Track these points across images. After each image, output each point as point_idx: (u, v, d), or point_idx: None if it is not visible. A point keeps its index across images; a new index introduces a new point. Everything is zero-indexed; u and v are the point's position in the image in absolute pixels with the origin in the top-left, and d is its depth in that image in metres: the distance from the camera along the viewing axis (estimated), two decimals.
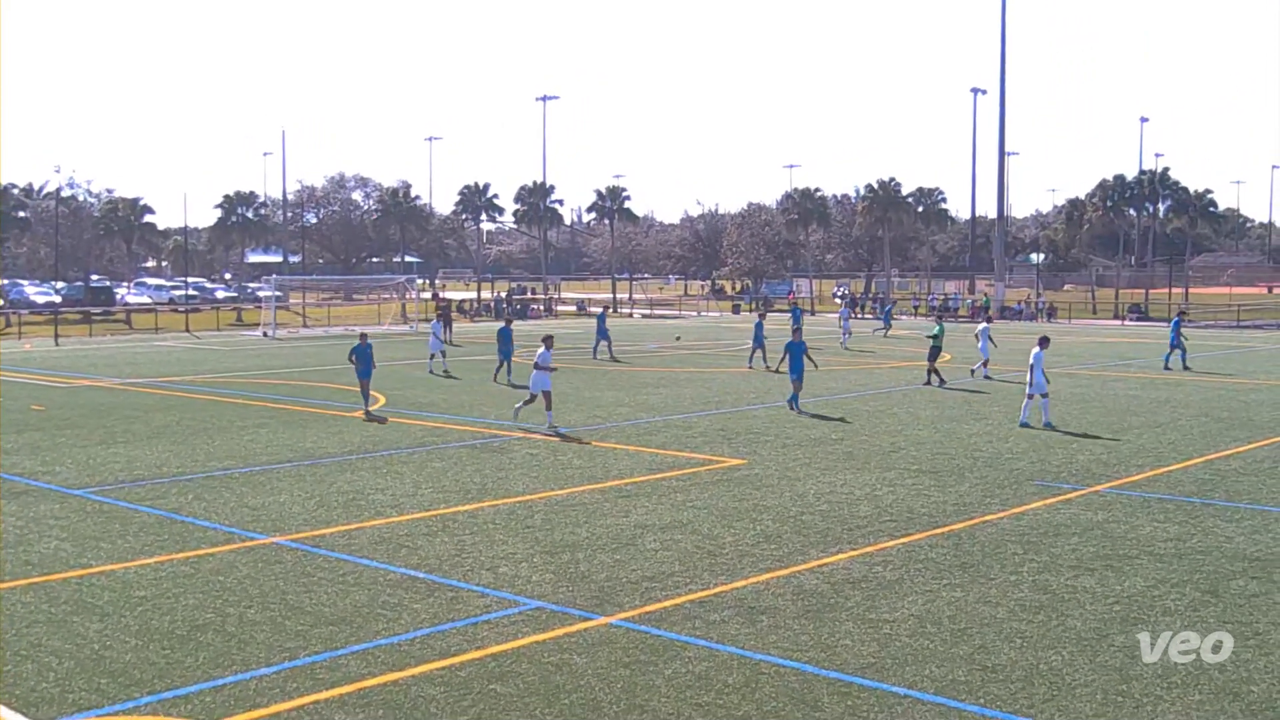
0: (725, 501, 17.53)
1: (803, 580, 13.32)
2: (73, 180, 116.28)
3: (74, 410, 28.53)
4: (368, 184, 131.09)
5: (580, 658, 10.76)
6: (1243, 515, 16.66)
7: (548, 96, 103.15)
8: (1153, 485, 18.84)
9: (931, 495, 17.99)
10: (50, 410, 28.44)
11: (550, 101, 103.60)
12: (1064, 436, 23.69)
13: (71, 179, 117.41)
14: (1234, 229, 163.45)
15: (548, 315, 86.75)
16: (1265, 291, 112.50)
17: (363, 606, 12.29)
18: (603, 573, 13.60)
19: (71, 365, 42.35)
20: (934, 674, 10.36)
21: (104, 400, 30.86)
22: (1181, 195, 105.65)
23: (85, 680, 10.20)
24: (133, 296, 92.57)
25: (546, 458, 21.34)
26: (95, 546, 14.82)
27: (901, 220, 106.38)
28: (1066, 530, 15.69)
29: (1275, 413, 27.51)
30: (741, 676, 10.30)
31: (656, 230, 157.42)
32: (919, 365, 40.98)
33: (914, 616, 11.99)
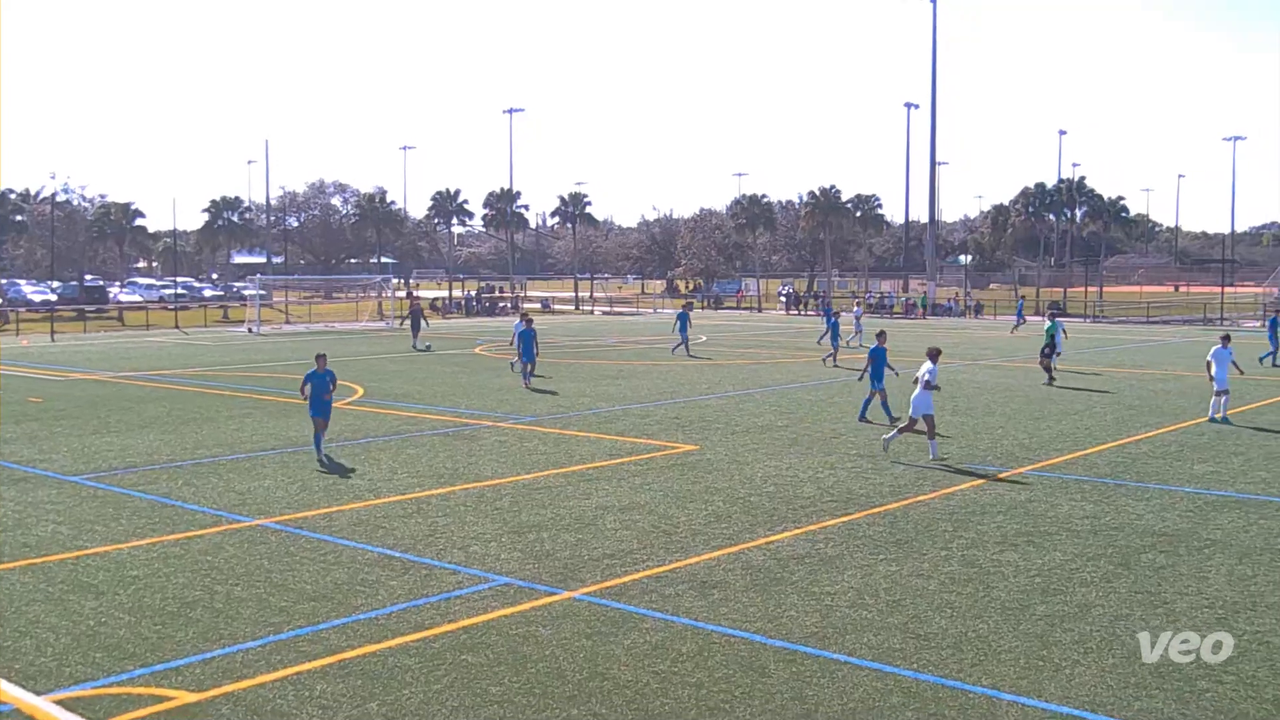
0: (679, 484, 17.55)
1: (751, 557, 13.36)
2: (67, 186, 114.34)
3: (69, 402, 28.16)
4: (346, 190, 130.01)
5: (545, 629, 10.75)
6: (1151, 495, 16.86)
7: (514, 109, 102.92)
8: (1070, 468, 19.03)
9: (869, 477, 18.08)
10: (47, 402, 28.04)
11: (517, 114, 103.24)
12: (991, 422, 23.88)
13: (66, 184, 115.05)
14: (1144, 233, 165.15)
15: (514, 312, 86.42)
16: (1172, 290, 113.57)
17: (342, 584, 12.22)
18: (566, 551, 13.59)
19: (67, 360, 41.79)
20: (871, 642, 10.42)
21: (98, 392, 30.48)
22: (1096, 202, 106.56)
23: (81, 655, 10.08)
24: (125, 295, 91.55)
25: (514, 445, 21.28)
26: (90, 529, 14.65)
27: (841, 224, 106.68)
28: (992, 509, 15.82)
29: (1181, 401, 27.86)
30: (695, 646, 10.32)
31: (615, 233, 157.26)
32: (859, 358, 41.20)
33: (853, 589, 12.05)
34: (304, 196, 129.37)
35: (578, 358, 41.55)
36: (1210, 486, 17.39)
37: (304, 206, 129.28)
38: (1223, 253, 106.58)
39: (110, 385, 32.40)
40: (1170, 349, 46.46)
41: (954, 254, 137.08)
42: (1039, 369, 32.89)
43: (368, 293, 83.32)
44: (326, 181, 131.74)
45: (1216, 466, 19.07)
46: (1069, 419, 24.76)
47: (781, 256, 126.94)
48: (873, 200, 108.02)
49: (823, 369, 36.65)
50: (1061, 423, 24.19)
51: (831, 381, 32.86)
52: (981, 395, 28.99)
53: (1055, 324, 33.11)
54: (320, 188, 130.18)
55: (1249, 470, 18.75)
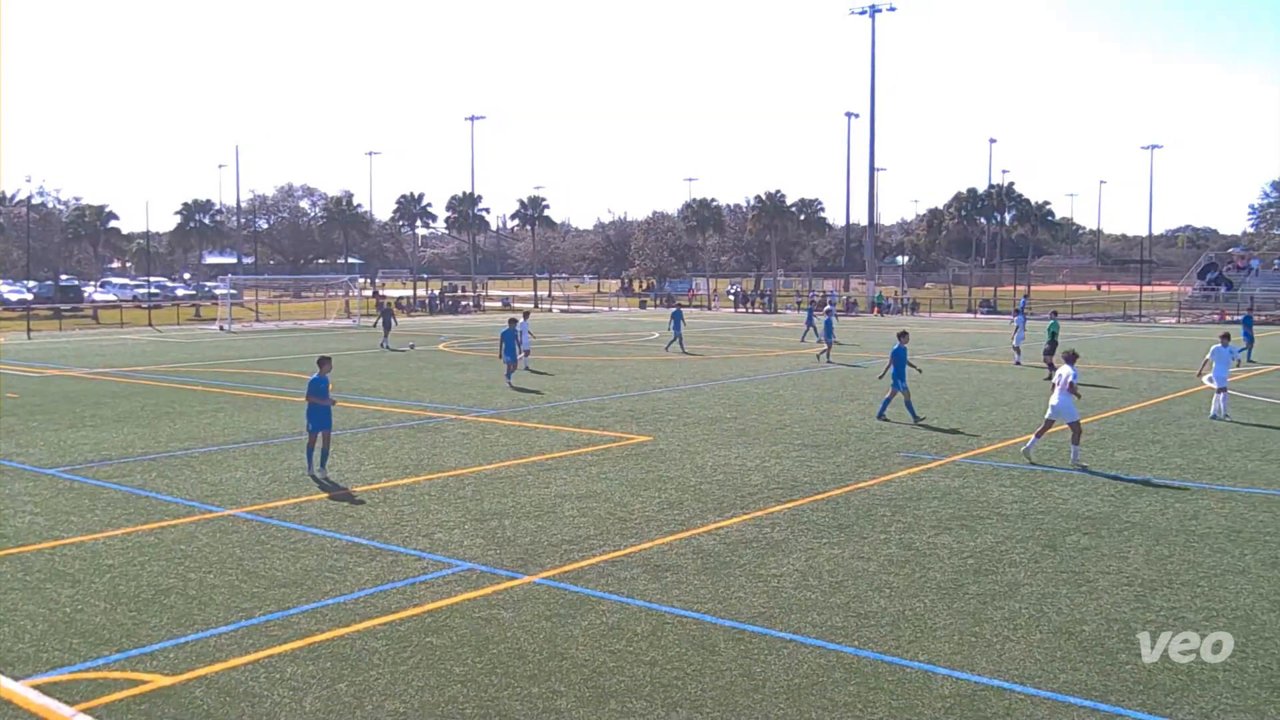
0: (634, 473, 17.55)
1: (701, 541, 13.39)
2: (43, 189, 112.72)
3: (45, 398, 27.69)
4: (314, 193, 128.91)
5: (507, 612, 10.72)
6: (1075, 480, 17.08)
7: (476, 116, 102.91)
8: (1000, 455, 19.24)
9: (813, 465, 18.18)
10: (24, 398, 27.56)
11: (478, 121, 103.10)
12: (927, 413, 24.06)
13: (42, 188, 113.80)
14: (1068, 235, 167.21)
15: (476, 310, 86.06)
16: (1094, 289, 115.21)
17: (312, 570, 12.12)
18: (526, 537, 13.55)
19: (43, 357, 41.08)
20: (815, 621, 10.49)
21: (73, 388, 30.00)
22: (1024, 206, 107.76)
23: (58, 641, 9.93)
24: (99, 294, 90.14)
25: (476, 437, 21.19)
26: (66, 520, 14.42)
27: (786, 227, 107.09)
28: (928, 495, 15.96)
29: (1102, 393, 28.24)
30: (649, 626, 10.34)
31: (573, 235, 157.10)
32: (803, 353, 41.43)
33: (798, 571, 12.12)
34: (273, 199, 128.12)
35: (536, 354, 41.43)
36: (1130, 472, 17.65)
37: (273, 209, 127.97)
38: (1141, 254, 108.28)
39: (85, 381, 31.89)
40: (1093, 344, 47.04)
41: (892, 255, 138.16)
42: (968, 362, 33.21)
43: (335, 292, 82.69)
44: (295, 185, 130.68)
45: (1136, 454, 19.35)
46: (999, 410, 25.03)
47: (730, 257, 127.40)
48: (816, 204, 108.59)
49: (768, 363, 36.78)
50: (992, 413, 24.44)
51: (778, 375, 33.00)
52: (918, 389, 29.20)
53: (1055, 323, 33.59)
54: (289, 191, 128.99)
55: (1165, 457, 19.04)
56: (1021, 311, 41.11)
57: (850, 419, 23.45)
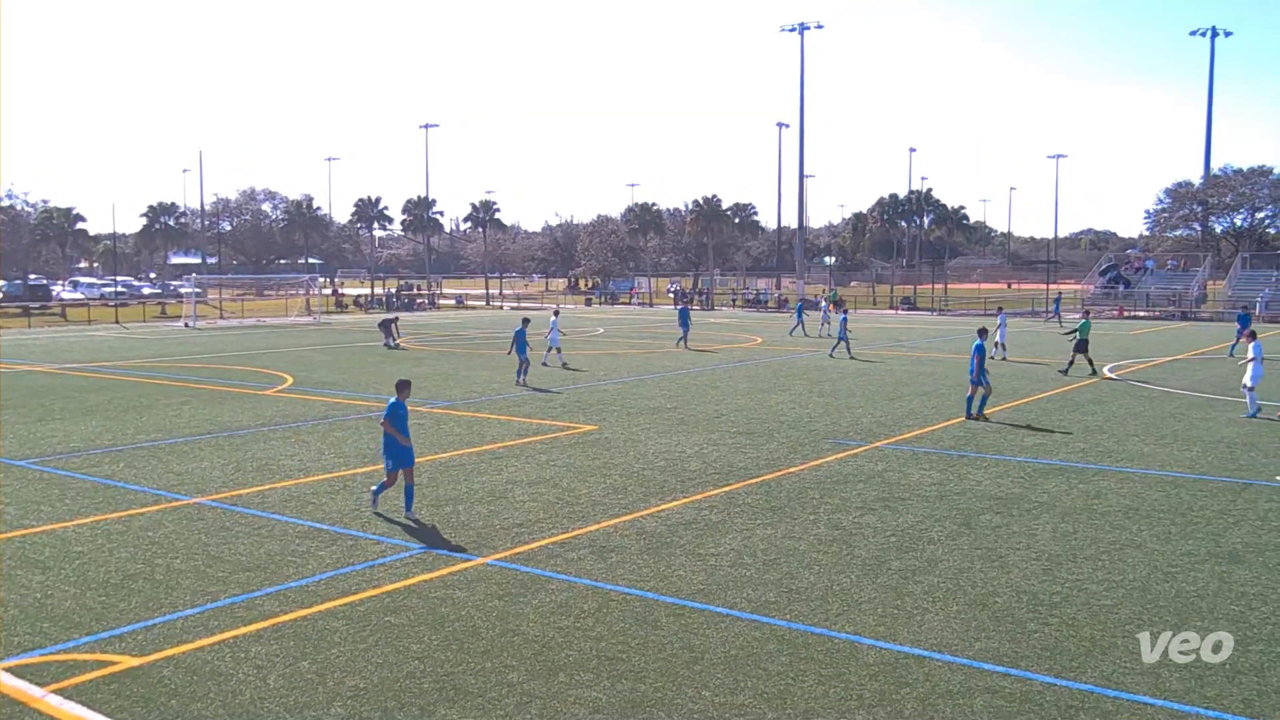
0: (581, 460, 17.52)
1: (644, 523, 13.41)
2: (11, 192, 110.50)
3: (15, 392, 27.01)
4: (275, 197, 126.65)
5: (461, 592, 10.66)
6: (989, 464, 17.34)
7: (430, 124, 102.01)
8: (920, 441, 19.48)
9: (747, 452, 18.27)
10: None
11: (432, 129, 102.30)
12: (853, 402, 24.32)
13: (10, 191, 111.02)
14: (982, 237, 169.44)
15: (431, 307, 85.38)
16: (1006, 287, 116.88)
17: (275, 555, 11.96)
18: (479, 521, 13.48)
19: (13, 353, 40.06)
20: (750, 596, 10.55)
21: (42, 383, 29.29)
22: (941, 210, 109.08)
23: (29, 625, 9.71)
24: (67, 293, 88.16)
25: (431, 427, 21.02)
26: (36, 509, 14.09)
27: (722, 229, 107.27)
28: (854, 478, 16.11)
29: (1014, 383, 28.68)
30: (595, 603, 10.33)
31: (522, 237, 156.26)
32: (739, 347, 41.60)
33: (734, 550, 12.18)
34: (236, 203, 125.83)
35: (488, 349, 41.22)
36: (1038, 456, 17.95)
37: (236, 212, 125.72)
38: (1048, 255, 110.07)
39: (54, 376, 31.16)
40: (1010, 337, 47.67)
41: (820, 255, 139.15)
42: (890, 355, 33.51)
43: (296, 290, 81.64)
44: (257, 189, 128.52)
45: (1044, 439, 19.68)
46: (919, 399, 25.32)
47: (670, 258, 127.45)
48: (750, 208, 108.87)
49: (707, 357, 36.87)
50: (912, 402, 24.73)
51: (716, 368, 33.10)
52: (844, 380, 29.50)
53: (1087, 322, 31.88)
54: (251, 195, 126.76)
55: (1070, 442, 19.39)
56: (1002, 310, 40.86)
57: (781, 408, 23.60)
